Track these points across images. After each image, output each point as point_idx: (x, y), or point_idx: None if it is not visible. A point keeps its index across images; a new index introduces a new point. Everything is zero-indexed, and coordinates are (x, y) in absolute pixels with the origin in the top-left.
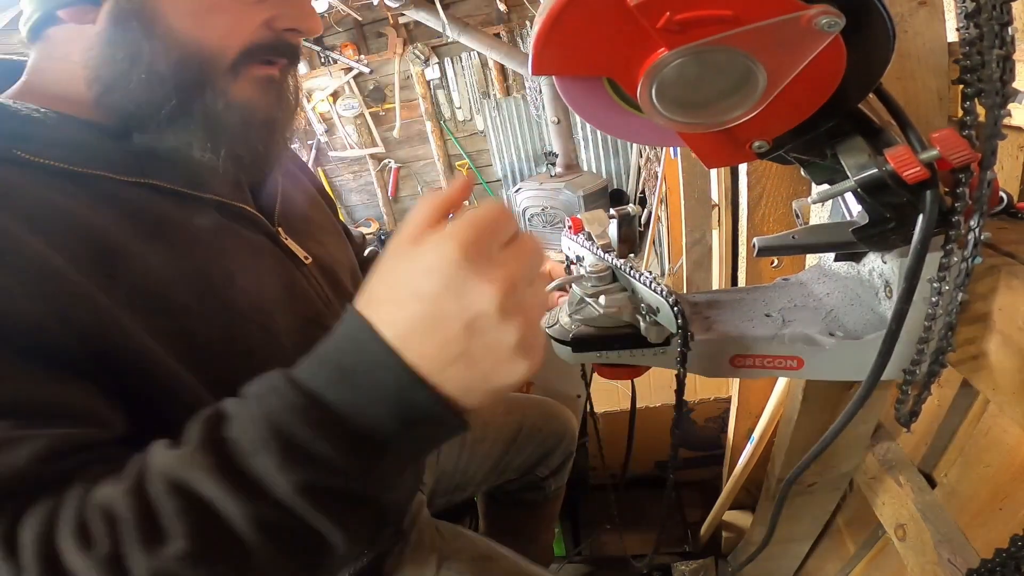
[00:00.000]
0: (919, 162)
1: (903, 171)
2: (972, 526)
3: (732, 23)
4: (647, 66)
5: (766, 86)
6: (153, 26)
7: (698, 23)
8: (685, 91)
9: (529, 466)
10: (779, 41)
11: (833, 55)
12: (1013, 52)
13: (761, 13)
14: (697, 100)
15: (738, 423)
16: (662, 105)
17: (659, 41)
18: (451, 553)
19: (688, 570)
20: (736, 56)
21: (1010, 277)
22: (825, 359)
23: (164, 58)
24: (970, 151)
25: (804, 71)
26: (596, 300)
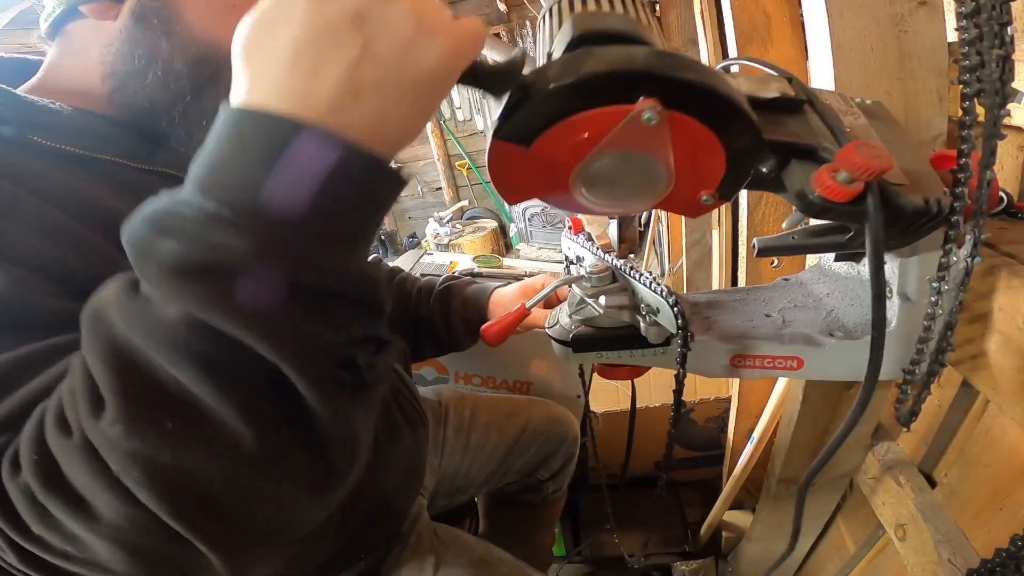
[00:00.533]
0: (839, 183)
1: (829, 196)
2: (972, 526)
3: (595, 138)
4: (568, 183)
5: (664, 166)
6: (173, 24)
7: (576, 147)
8: (611, 188)
9: (531, 468)
10: (635, 138)
11: (696, 129)
12: (1012, 52)
13: (605, 126)
14: (625, 190)
15: (738, 423)
16: (600, 201)
17: (568, 165)
18: (449, 557)
19: (688, 570)
20: (623, 156)
21: (1010, 277)
22: (825, 359)
23: (182, 55)
24: (871, 163)
25: (691, 142)
26: (596, 300)
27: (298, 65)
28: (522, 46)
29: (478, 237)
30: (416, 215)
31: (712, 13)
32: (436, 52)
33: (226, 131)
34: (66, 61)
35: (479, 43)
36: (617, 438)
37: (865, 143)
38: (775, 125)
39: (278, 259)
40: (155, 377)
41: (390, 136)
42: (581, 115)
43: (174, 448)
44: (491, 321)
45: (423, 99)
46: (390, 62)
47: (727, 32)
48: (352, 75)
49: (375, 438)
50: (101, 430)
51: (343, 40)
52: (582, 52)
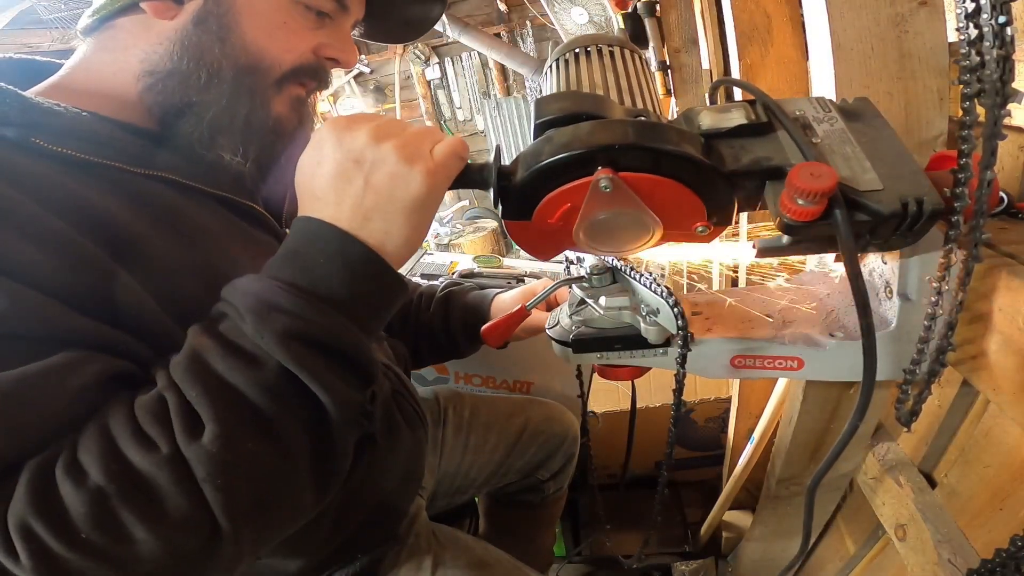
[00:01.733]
0: (800, 206)
1: (797, 218)
2: (972, 526)
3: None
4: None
5: (647, 216)
6: (230, 32)
7: (565, 214)
8: (611, 237)
9: (531, 468)
10: (604, 201)
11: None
12: (1013, 52)
13: (578, 196)
14: (623, 239)
15: (738, 423)
16: (608, 249)
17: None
18: (447, 558)
19: (688, 570)
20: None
21: (1010, 277)
22: (825, 360)
23: (231, 63)
24: (812, 185)
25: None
26: (596, 301)
27: (326, 197)
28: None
29: (478, 237)
30: None
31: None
32: (417, 179)
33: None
34: (100, 57)
35: (455, 163)
36: (617, 438)
37: (807, 165)
38: (742, 151)
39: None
40: (249, 408)
41: (395, 249)
42: (555, 192)
43: (251, 460)
44: (491, 322)
45: (416, 216)
46: (383, 190)
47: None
48: (360, 202)
49: (374, 439)
50: (201, 445)
51: (351, 176)
52: (543, 139)
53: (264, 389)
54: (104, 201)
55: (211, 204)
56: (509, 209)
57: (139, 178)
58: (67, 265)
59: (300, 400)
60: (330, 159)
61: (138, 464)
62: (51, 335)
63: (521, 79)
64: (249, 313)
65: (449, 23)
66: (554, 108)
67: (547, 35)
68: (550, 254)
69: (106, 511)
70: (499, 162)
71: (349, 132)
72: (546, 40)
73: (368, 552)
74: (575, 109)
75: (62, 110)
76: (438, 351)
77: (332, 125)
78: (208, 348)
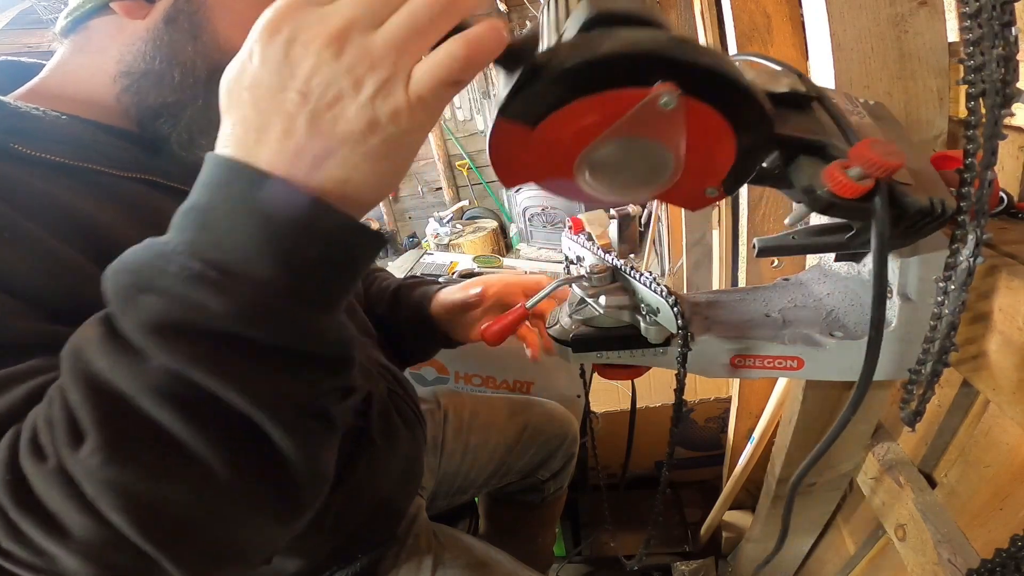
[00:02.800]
0: (850, 179)
1: (839, 192)
2: (972, 526)
3: (605, 122)
4: (571, 168)
5: (672, 154)
6: (202, 30)
7: (584, 130)
8: (616, 175)
9: (531, 469)
10: (648, 123)
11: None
12: (1016, 52)
13: (617, 109)
14: (630, 178)
15: (738, 423)
16: (603, 189)
17: (573, 150)
18: (447, 558)
19: (688, 570)
20: (632, 142)
21: (1010, 277)
22: (825, 359)
23: (204, 62)
24: (885, 160)
25: (703, 131)
26: (596, 300)
27: (255, 126)
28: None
29: (478, 237)
30: (416, 215)
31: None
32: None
33: (207, 178)
34: (77, 60)
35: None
36: (617, 438)
37: (879, 140)
38: (783, 120)
39: (254, 320)
40: (135, 414)
41: (358, 195)
42: (594, 97)
43: (149, 479)
44: (491, 321)
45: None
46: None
47: (727, 32)
48: (303, 147)
49: (372, 440)
50: (80, 459)
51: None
52: (598, 33)
53: (152, 391)
54: (87, 205)
55: None
56: (518, 106)
57: (123, 181)
58: (43, 271)
59: (209, 402)
60: (262, 75)
61: (30, 477)
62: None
63: None
64: (116, 295)
65: None
66: (618, 4)
67: None
68: (524, 179)
69: (8, 524)
70: (536, 39)
71: (293, 41)
72: None
73: (367, 552)
74: (643, 13)
75: (41, 114)
76: (398, 355)
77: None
78: (90, 340)
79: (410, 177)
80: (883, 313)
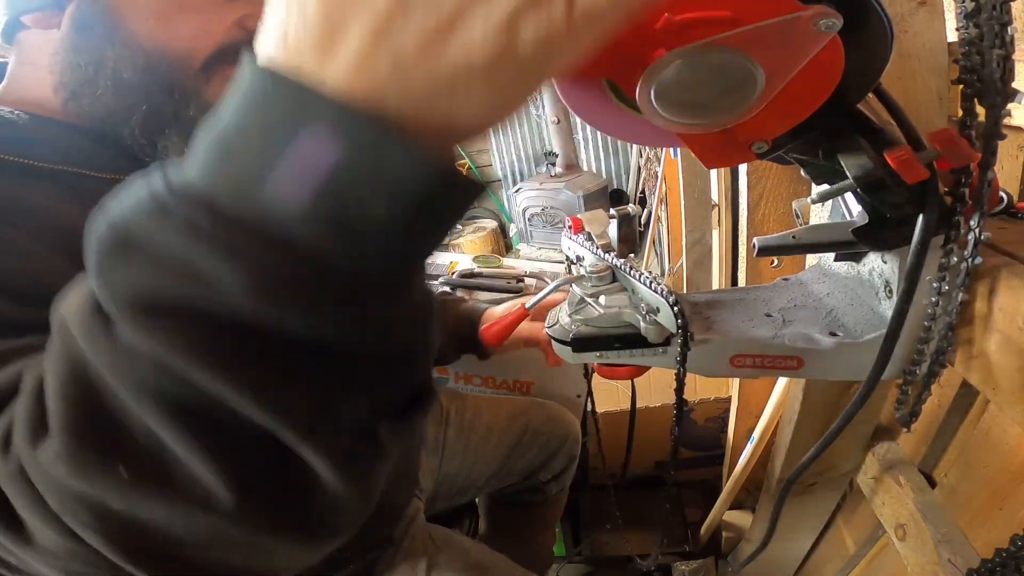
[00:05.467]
0: (919, 162)
1: (903, 171)
2: (972, 526)
3: (730, 24)
4: (646, 68)
5: (764, 87)
6: (116, 31)
7: (696, 24)
8: (685, 93)
9: (532, 470)
10: (777, 42)
11: (832, 56)
12: (1013, 52)
13: (759, 14)
14: (697, 102)
15: (738, 423)
16: (662, 107)
17: (658, 42)
18: (442, 561)
19: (688, 570)
20: (735, 57)
21: (1010, 277)
22: (825, 359)
23: (129, 64)
24: (970, 151)
25: (803, 72)
26: (596, 300)
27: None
28: None
29: (478, 237)
30: None
31: None
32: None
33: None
34: (22, 71)
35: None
36: (617, 438)
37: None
38: None
39: (288, 302)
40: (114, 413)
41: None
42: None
43: (126, 497)
44: (491, 322)
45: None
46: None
47: None
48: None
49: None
50: (39, 463)
51: (410, 8)
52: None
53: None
54: (69, 210)
55: None
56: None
57: (105, 183)
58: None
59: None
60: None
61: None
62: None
63: None
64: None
65: None
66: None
67: None
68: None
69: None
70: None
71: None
72: None
73: (362, 555)
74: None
75: (15, 117)
76: None
77: None
78: (72, 309)
79: None
80: (907, 307)
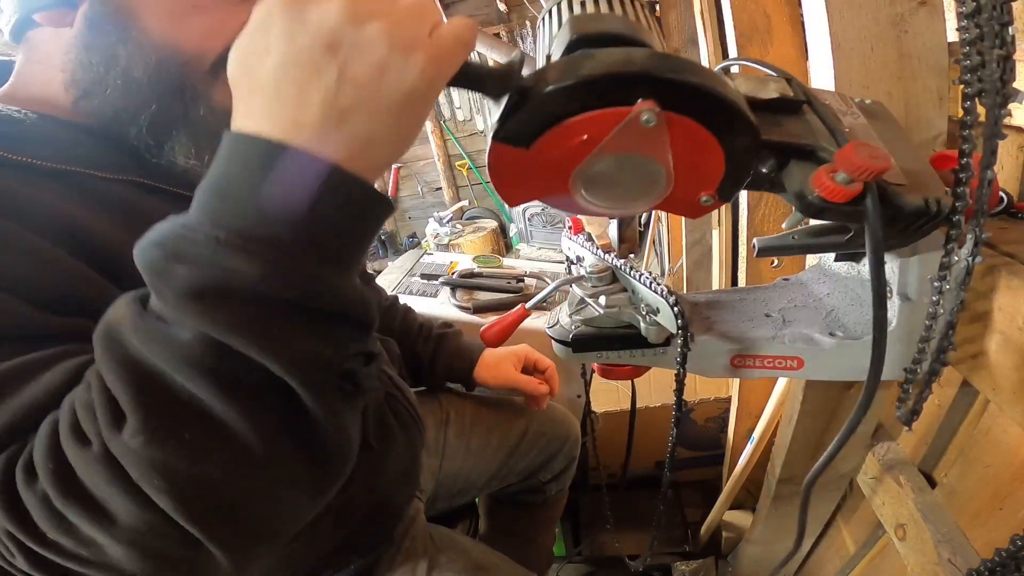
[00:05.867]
0: (838, 184)
1: (828, 196)
2: (972, 526)
3: (594, 140)
4: (568, 185)
5: (664, 169)
6: (129, 29)
7: (575, 149)
8: (611, 190)
9: (532, 470)
10: (634, 139)
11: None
12: (1013, 52)
13: (604, 127)
14: (625, 192)
15: (738, 423)
16: (601, 203)
17: (567, 168)
18: (443, 562)
19: (688, 570)
20: (623, 158)
21: (1010, 277)
22: (825, 359)
23: (141, 62)
24: (869, 163)
25: (689, 143)
26: (596, 300)
27: (280, 93)
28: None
29: (478, 237)
30: (416, 215)
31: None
32: (413, 71)
33: (225, 154)
34: (30, 69)
35: (461, 52)
36: (617, 438)
37: (864, 143)
38: (773, 126)
39: (284, 282)
40: (171, 391)
41: (377, 157)
42: (580, 117)
43: (190, 456)
44: (491, 322)
45: (406, 118)
46: (366, 85)
47: (727, 32)
48: (332, 100)
49: (368, 443)
50: (123, 442)
51: (319, 67)
52: (580, 54)
53: (187, 364)
54: (74, 210)
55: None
56: (509, 129)
57: (108, 183)
58: (36, 273)
59: (243, 371)
60: (286, 44)
61: (74, 463)
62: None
63: None
64: (150, 268)
65: None
66: (600, 25)
67: None
68: (524, 197)
69: (56, 514)
70: (520, 65)
71: (315, 6)
72: None
73: (363, 555)
74: (624, 32)
75: (22, 116)
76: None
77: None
78: (122, 318)
79: (410, 177)
80: (884, 313)
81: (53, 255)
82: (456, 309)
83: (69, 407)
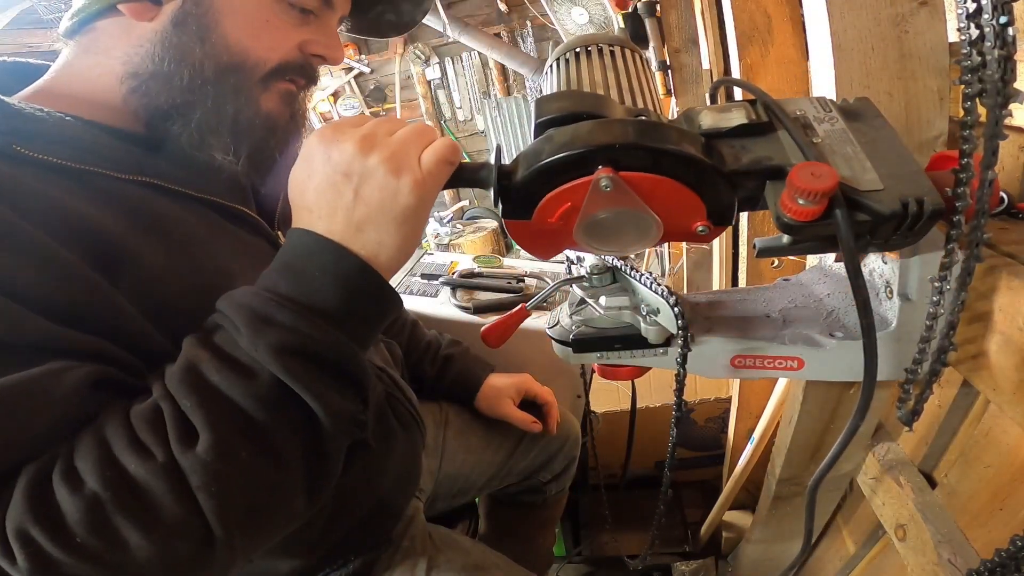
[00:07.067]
0: (801, 206)
1: (797, 217)
2: (972, 526)
3: (577, 205)
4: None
5: (648, 216)
6: (210, 32)
7: (566, 214)
8: (612, 238)
9: (532, 471)
10: (605, 201)
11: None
12: (1014, 52)
13: (578, 195)
14: (624, 237)
15: (738, 423)
16: (608, 248)
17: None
18: (442, 561)
19: (688, 570)
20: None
21: (1010, 277)
22: (825, 360)
23: (213, 63)
24: (814, 185)
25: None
26: (596, 301)
27: (317, 210)
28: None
29: (478, 237)
30: None
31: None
32: (406, 190)
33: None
34: (83, 61)
35: (445, 169)
36: (617, 438)
37: (807, 165)
38: (743, 151)
39: (342, 351)
40: (240, 418)
41: (388, 258)
42: (555, 192)
43: (246, 471)
44: (491, 323)
45: (407, 226)
46: (373, 202)
47: (727, 32)
48: (351, 214)
49: (367, 442)
50: (196, 455)
51: (340, 190)
52: (544, 138)
53: (257, 400)
54: (88, 209)
55: (201, 209)
56: (509, 208)
57: (127, 184)
58: (45, 276)
59: (293, 410)
60: (320, 172)
61: (134, 472)
62: (31, 345)
63: (521, 79)
64: (245, 326)
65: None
66: (554, 107)
67: (547, 35)
68: (551, 253)
69: (102, 517)
70: (500, 161)
71: (336, 144)
72: (546, 40)
73: (362, 554)
74: (575, 108)
75: (45, 116)
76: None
77: (319, 136)
78: (203, 359)
79: None
80: (871, 321)
81: (54, 252)
82: (456, 309)
83: (122, 423)
